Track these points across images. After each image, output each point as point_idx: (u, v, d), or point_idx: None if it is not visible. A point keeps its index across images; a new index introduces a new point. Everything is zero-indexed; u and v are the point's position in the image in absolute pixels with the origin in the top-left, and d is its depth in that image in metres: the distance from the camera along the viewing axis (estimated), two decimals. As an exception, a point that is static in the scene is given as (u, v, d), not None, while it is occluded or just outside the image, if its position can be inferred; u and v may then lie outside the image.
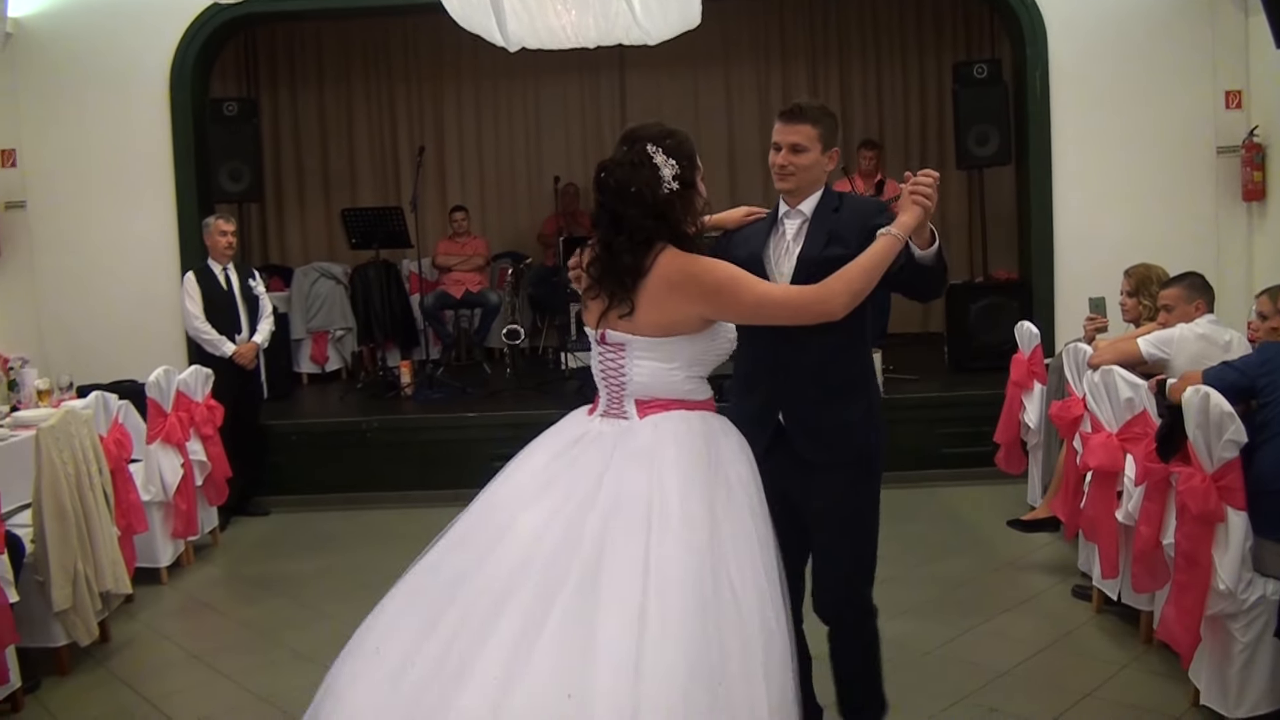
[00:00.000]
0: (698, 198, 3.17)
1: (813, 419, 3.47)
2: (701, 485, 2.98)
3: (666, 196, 3.07)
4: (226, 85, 10.78)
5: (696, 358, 3.15)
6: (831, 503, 3.48)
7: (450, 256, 10.33)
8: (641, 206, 3.06)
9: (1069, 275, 8.45)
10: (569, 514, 2.96)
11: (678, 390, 3.13)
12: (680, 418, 3.11)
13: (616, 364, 3.15)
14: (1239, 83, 8.30)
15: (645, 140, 3.10)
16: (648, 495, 2.93)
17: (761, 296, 3.08)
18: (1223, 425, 3.89)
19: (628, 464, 3.01)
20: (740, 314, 3.13)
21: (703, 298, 3.05)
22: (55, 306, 8.71)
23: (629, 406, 3.14)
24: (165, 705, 4.65)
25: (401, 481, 7.93)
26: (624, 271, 3.07)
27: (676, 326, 3.08)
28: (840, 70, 11.72)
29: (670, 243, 3.09)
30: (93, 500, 5.08)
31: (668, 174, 3.07)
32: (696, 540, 2.87)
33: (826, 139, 3.44)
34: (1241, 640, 3.86)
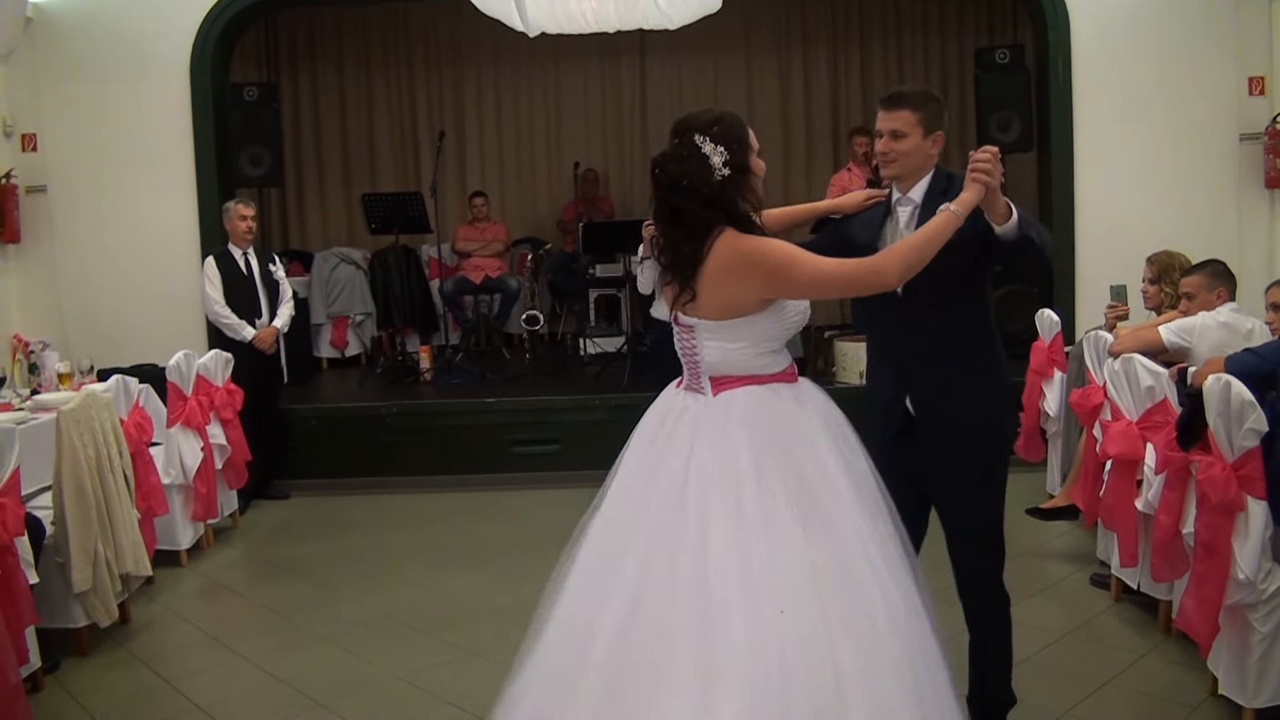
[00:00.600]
0: (753, 178, 3.18)
1: (942, 402, 3.53)
2: (770, 463, 3.03)
3: (719, 184, 3.09)
4: (247, 70, 10.79)
5: (764, 335, 3.15)
6: (962, 486, 3.55)
7: (470, 242, 10.34)
8: (695, 198, 3.09)
9: (1090, 263, 8.42)
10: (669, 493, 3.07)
11: (749, 367, 3.16)
12: (747, 394, 3.15)
13: (690, 344, 3.22)
14: (1262, 69, 8.25)
15: (693, 130, 3.11)
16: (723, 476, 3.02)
17: (815, 274, 3.08)
18: (1244, 414, 3.86)
19: (705, 448, 3.09)
20: (798, 292, 3.14)
21: (760, 280, 3.07)
22: (76, 290, 8.76)
23: (705, 382, 3.20)
24: (184, 686, 4.68)
25: (420, 466, 7.96)
26: (685, 261, 3.11)
27: (737, 308, 3.10)
28: (861, 55, 11.65)
29: (729, 226, 3.11)
30: (113, 483, 5.11)
31: (718, 161, 3.08)
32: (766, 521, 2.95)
33: (928, 123, 3.47)
34: (1261, 630, 3.84)
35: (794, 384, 3.23)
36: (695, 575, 2.90)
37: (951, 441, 3.52)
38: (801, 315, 3.23)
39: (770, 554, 2.90)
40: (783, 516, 2.96)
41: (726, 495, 2.98)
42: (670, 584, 2.93)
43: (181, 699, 4.56)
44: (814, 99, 11.60)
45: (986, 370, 3.57)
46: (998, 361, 3.61)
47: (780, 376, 3.20)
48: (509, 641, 5.02)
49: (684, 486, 3.03)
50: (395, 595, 5.70)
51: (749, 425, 3.08)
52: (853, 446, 3.18)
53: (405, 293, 10.22)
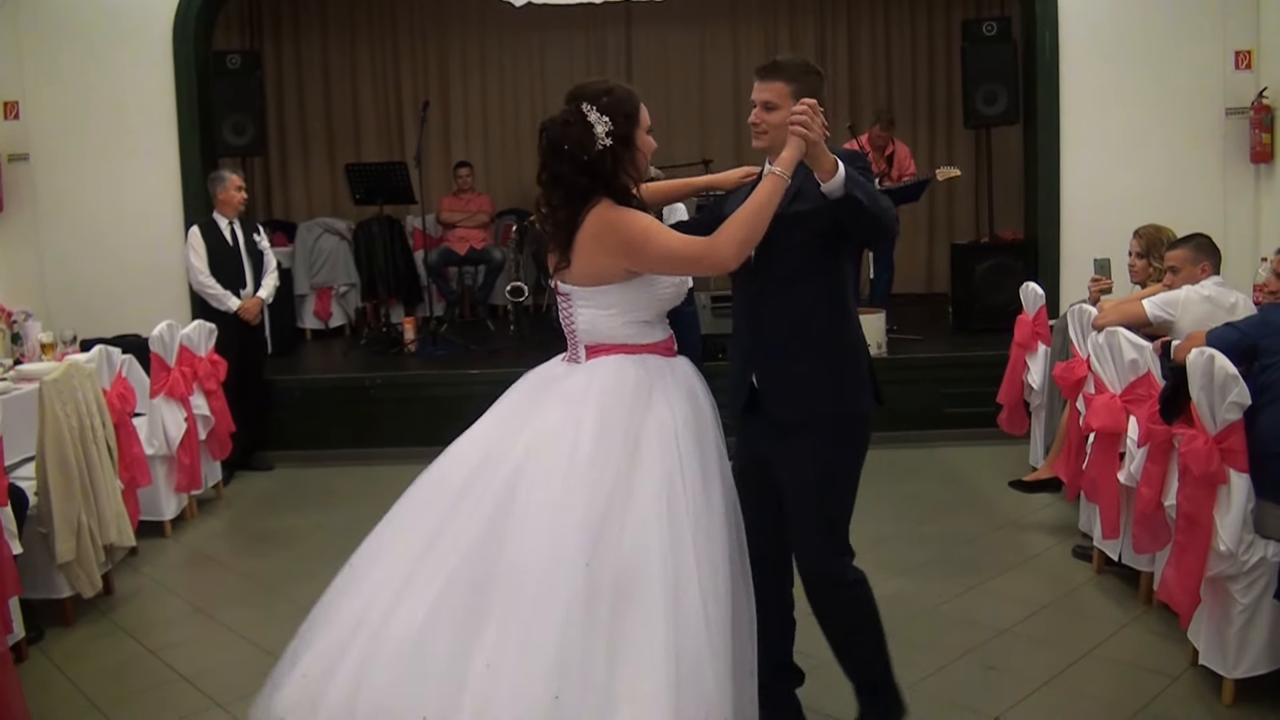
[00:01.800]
0: (638, 153, 3.21)
1: (783, 375, 3.45)
2: (616, 424, 3.08)
3: (599, 153, 3.12)
4: (230, 38, 10.72)
5: (635, 303, 3.20)
6: (798, 465, 3.41)
7: (454, 213, 10.31)
8: (573, 163, 3.14)
9: (1075, 236, 8.42)
10: (495, 447, 3.24)
11: (619, 335, 3.22)
12: (614, 361, 3.20)
13: (567, 312, 3.29)
14: (1249, 43, 8.24)
15: (581, 99, 3.17)
16: (560, 432, 3.10)
17: (663, 249, 3.11)
18: (1226, 387, 3.88)
19: (554, 403, 3.20)
20: (650, 266, 3.16)
21: (619, 250, 3.12)
22: (59, 260, 8.69)
23: (580, 351, 3.28)
24: (168, 656, 4.68)
25: (404, 437, 7.94)
26: (560, 226, 3.18)
27: (604, 276, 3.16)
28: (849, 27, 11.64)
29: (608, 197, 3.15)
30: (96, 454, 5.09)
31: (601, 131, 3.12)
32: (600, 478, 3.00)
33: (801, 95, 3.31)
34: (1241, 602, 3.87)
35: (668, 358, 3.28)
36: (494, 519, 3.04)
37: (793, 415, 3.43)
38: (675, 289, 3.26)
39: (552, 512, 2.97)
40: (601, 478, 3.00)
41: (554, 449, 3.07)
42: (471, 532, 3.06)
43: (165, 669, 4.56)
44: (800, 70, 11.55)
45: (833, 350, 3.43)
46: (847, 342, 3.47)
47: (653, 348, 3.25)
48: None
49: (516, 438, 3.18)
50: (380, 566, 5.69)
51: (604, 389, 3.13)
52: (710, 435, 3.21)
53: (389, 264, 10.19)
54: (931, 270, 11.55)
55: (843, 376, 3.43)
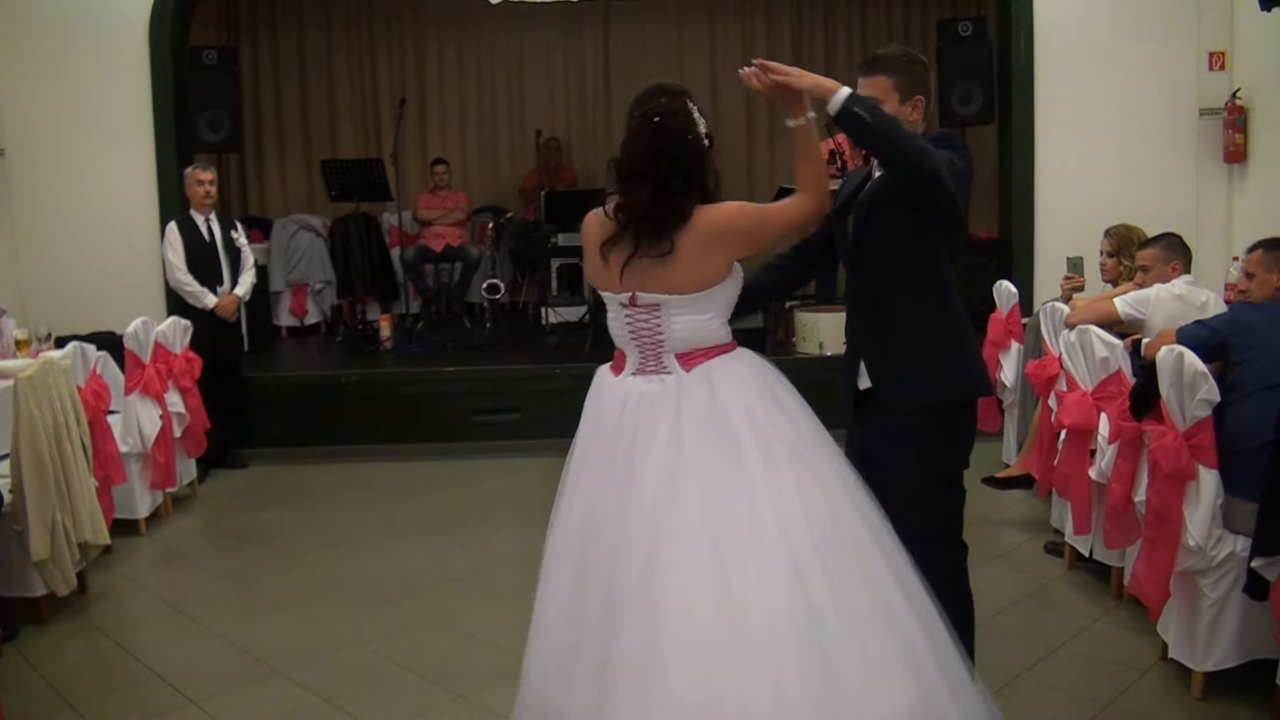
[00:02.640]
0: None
1: (887, 363, 3.45)
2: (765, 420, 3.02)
3: (705, 149, 3.07)
4: (206, 33, 10.66)
5: (727, 303, 3.13)
6: (905, 458, 3.40)
7: (431, 210, 10.29)
8: (695, 154, 3.03)
9: (1048, 235, 8.48)
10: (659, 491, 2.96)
11: (714, 337, 3.10)
12: (722, 363, 3.08)
13: (650, 324, 3.08)
14: (1223, 44, 8.30)
15: (683, 95, 3.10)
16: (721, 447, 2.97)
17: (782, 218, 3.07)
18: (1196, 384, 3.92)
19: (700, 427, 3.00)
20: (772, 240, 3.14)
21: (734, 241, 3.02)
22: (34, 256, 8.64)
23: (669, 361, 3.08)
24: (143, 654, 4.67)
25: (380, 435, 7.95)
26: (673, 213, 2.98)
27: (714, 277, 3.03)
28: (825, 25, 11.68)
29: (700, 198, 3.04)
30: (71, 451, 5.07)
31: (702, 129, 3.07)
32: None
33: (905, 88, 3.34)
34: (1210, 596, 3.91)
35: (742, 349, 3.19)
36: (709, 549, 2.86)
37: (892, 405, 3.44)
38: (738, 286, 3.17)
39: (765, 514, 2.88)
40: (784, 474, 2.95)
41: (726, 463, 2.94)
42: (687, 566, 2.86)
43: (140, 667, 4.55)
44: (777, 69, 11.58)
45: (933, 336, 3.41)
46: (946, 329, 3.44)
47: (734, 343, 3.16)
48: (468, 609, 5.08)
49: (679, 470, 2.94)
50: (354, 563, 5.70)
51: (740, 388, 3.03)
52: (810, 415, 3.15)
53: (365, 261, 10.17)
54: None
55: (933, 368, 3.41)
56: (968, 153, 3.33)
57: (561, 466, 3.26)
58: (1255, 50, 7.93)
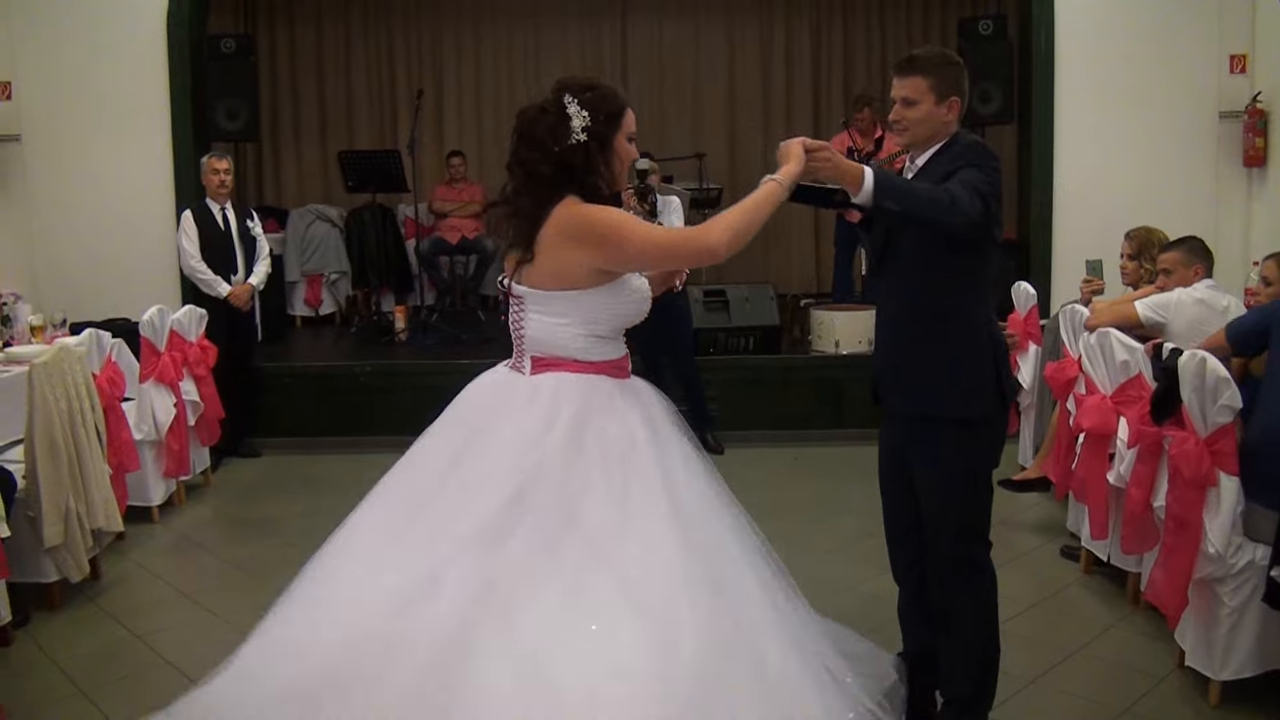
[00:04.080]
0: (614, 156, 3.09)
1: (898, 373, 3.50)
2: (556, 458, 2.94)
3: (570, 147, 3.01)
4: (224, 22, 10.67)
5: (593, 315, 3.05)
6: (926, 464, 3.46)
7: (447, 202, 10.28)
8: (542, 152, 3.02)
9: (1068, 236, 8.44)
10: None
11: (570, 348, 3.06)
12: (559, 379, 3.05)
13: (517, 317, 3.13)
14: (1244, 47, 8.26)
15: (565, 89, 3.06)
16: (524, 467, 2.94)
17: (644, 241, 3.00)
18: (1218, 390, 3.89)
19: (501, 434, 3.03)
20: (627, 260, 3.02)
21: (592, 243, 2.97)
22: (50, 242, 8.66)
23: (525, 361, 3.12)
24: (154, 642, 4.67)
25: (393, 425, 7.86)
26: (525, 218, 3.04)
27: (568, 277, 3.01)
28: (844, 23, 11.63)
29: (578, 195, 3.03)
30: (85, 438, 5.07)
31: (577, 125, 3.01)
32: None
33: (941, 89, 3.36)
34: (1229, 604, 3.88)
35: (618, 380, 3.13)
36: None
37: (910, 414, 3.49)
38: (635, 305, 3.11)
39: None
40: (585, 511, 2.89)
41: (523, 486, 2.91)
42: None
43: (151, 654, 4.56)
44: (795, 66, 11.56)
45: (948, 349, 3.40)
46: (966, 342, 3.42)
47: (603, 367, 3.10)
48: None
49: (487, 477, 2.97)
50: (367, 554, 5.68)
51: (557, 409, 3.00)
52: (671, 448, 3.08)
53: (381, 252, 10.18)
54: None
55: (954, 378, 3.41)
56: (997, 164, 3.33)
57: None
58: (1276, 53, 7.89)
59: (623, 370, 3.16)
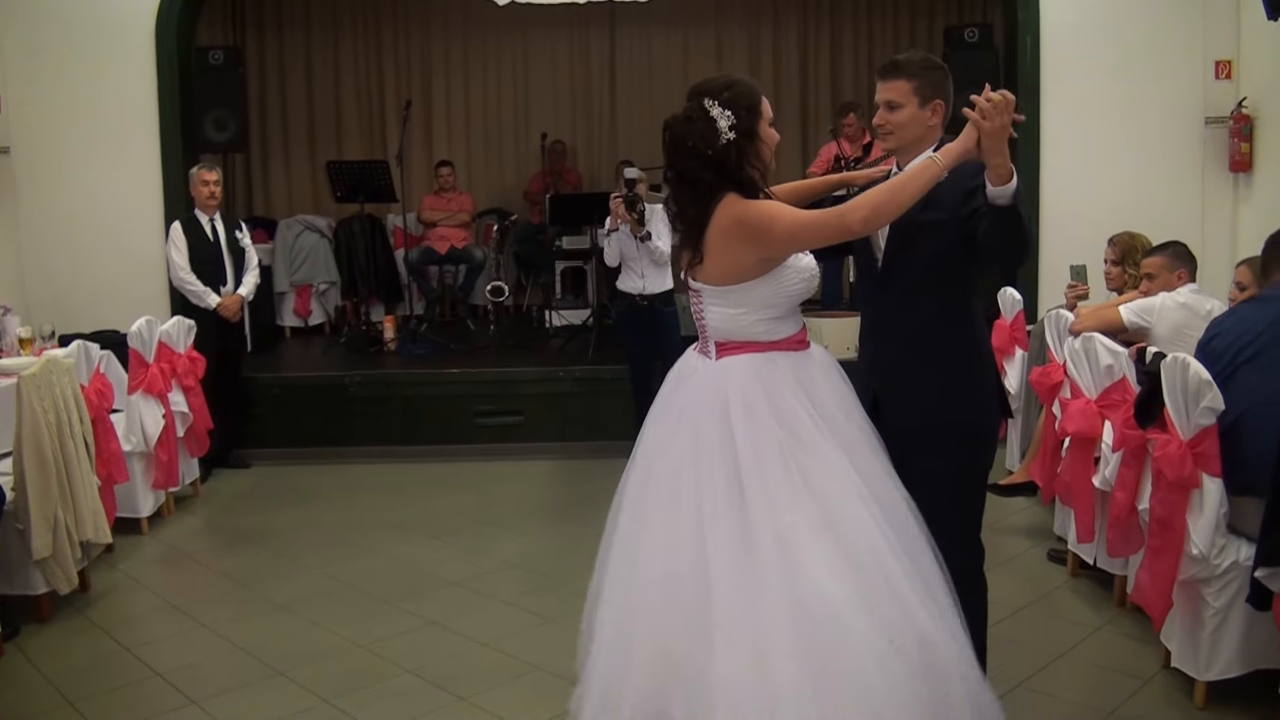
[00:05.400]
0: (761, 145, 3.21)
1: (901, 387, 3.44)
2: (754, 428, 3.09)
3: (723, 147, 3.13)
4: (213, 33, 10.68)
5: (765, 301, 3.20)
6: (920, 477, 3.34)
7: (436, 212, 10.30)
8: (698, 159, 3.15)
9: (1054, 242, 8.45)
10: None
11: (750, 333, 3.22)
12: (745, 361, 3.21)
13: (698, 308, 3.31)
14: (1229, 53, 8.29)
15: (703, 95, 3.17)
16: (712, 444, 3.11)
17: (791, 224, 3.10)
18: (1200, 393, 3.91)
19: (700, 411, 3.19)
20: (780, 245, 3.14)
21: (751, 238, 3.11)
22: (38, 254, 8.65)
23: (710, 346, 3.28)
24: (144, 654, 4.66)
25: (383, 436, 7.94)
26: (691, 224, 3.21)
27: (738, 273, 3.17)
28: (831, 31, 11.68)
29: (734, 191, 3.16)
30: (74, 449, 5.07)
31: (724, 125, 3.12)
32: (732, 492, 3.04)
33: (925, 92, 3.34)
34: (1214, 605, 3.90)
35: (798, 352, 3.25)
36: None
37: (916, 428, 3.41)
38: (805, 283, 3.25)
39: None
40: (777, 486, 3.03)
41: (724, 464, 3.06)
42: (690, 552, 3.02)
43: (141, 666, 4.55)
44: (783, 74, 11.62)
45: (952, 364, 3.40)
46: (969, 358, 3.44)
47: (783, 344, 3.23)
48: (469, 611, 5.08)
49: (694, 458, 3.12)
50: (356, 564, 5.70)
51: (743, 392, 3.14)
52: (850, 416, 3.23)
53: (370, 262, 10.18)
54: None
55: (961, 392, 3.40)
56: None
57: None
58: (1262, 59, 7.92)
59: (801, 344, 3.30)
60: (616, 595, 3.16)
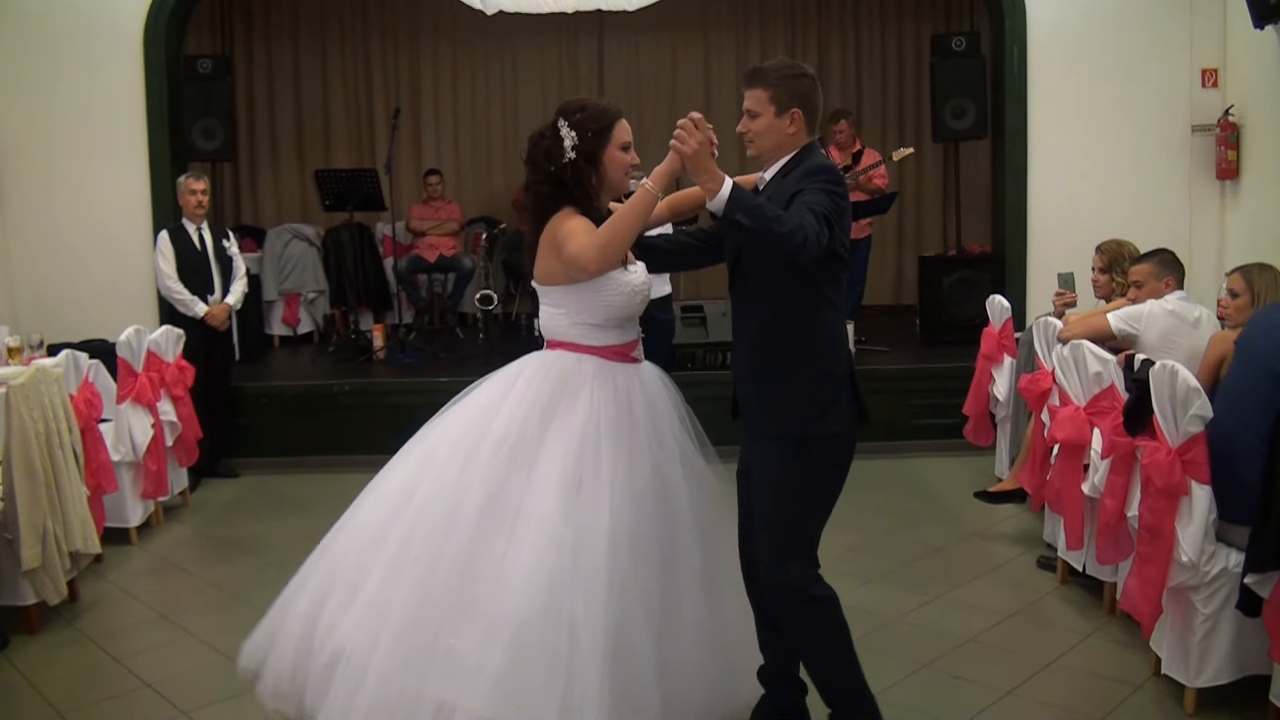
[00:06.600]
0: (605, 167, 3.40)
1: (745, 388, 3.49)
2: (532, 414, 3.35)
3: (563, 165, 3.35)
4: (201, 42, 10.68)
5: (583, 307, 3.39)
6: (757, 473, 3.47)
7: (424, 220, 10.30)
8: (540, 172, 3.41)
9: (1042, 250, 8.49)
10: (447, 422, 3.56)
11: (568, 334, 3.44)
12: (552, 355, 3.46)
13: (537, 304, 3.56)
14: (1215, 61, 8.34)
15: (560, 114, 3.41)
16: (484, 409, 3.44)
17: (576, 248, 3.27)
18: (1188, 400, 3.93)
19: (490, 383, 3.53)
20: (567, 262, 3.31)
21: (554, 250, 3.34)
22: (26, 263, 8.62)
23: (544, 344, 3.53)
24: (133, 664, 4.65)
25: (372, 445, 7.83)
26: (531, 228, 3.46)
27: (550, 276, 3.40)
28: (819, 38, 11.71)
29: (575, 208, 3.36)
30: (62, 459, 5.05)
31: (567, 144, 3.34)
32: (495, 460, 3.31)
33: (782, 100, 3.35)
34: (1203, 612, 3.92)
35: (612, 362, 3.44)
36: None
37: (748, 430, 3.54)
38: (624, 297, 3.39)
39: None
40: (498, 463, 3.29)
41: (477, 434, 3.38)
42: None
43: (130, 676, 4.54)
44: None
45: (791, 367, 3.37)
46: (809, 360, 3.38)
47: (600, 351, 3.44)
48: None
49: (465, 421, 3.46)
50: (347, 574, 5.67)
51: (529, 379, 3.42)
52: (637, 440, 3.38)
53: (359, 270, 10.18)
54: (899, 282, 11.63)
55: (799, 395, 3.37)
56: (843, 189, 3.30)
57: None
58: (1248, 67, 7.96)
59: (622, 355, 3.48)
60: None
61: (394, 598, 3.23)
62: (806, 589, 3.40)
